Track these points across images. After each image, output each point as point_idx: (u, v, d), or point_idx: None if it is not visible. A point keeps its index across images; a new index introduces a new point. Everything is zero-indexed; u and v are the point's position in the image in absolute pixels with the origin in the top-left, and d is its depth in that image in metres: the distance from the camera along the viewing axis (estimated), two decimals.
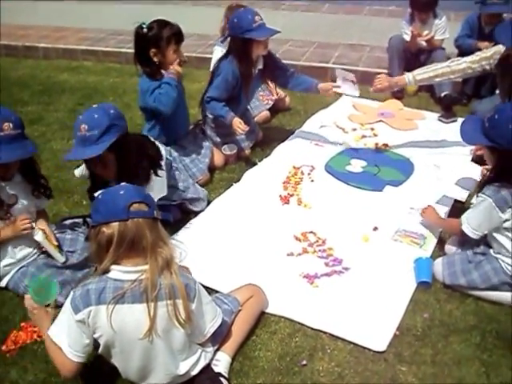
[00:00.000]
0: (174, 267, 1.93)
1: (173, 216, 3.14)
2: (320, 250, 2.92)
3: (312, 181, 3.60)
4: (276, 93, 4.53)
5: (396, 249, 2.91)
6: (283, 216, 3.23)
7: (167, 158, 3.01)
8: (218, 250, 2.95)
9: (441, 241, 2.93)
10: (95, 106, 2.52)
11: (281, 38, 5.70)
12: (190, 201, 3.25)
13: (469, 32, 4.70)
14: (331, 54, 5.62)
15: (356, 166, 3.72)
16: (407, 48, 4.87)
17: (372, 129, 4.26)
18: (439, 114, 4.41)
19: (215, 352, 2.18)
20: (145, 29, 3.23)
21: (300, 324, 2.45)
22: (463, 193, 3.26)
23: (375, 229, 3.07)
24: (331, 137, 4.13)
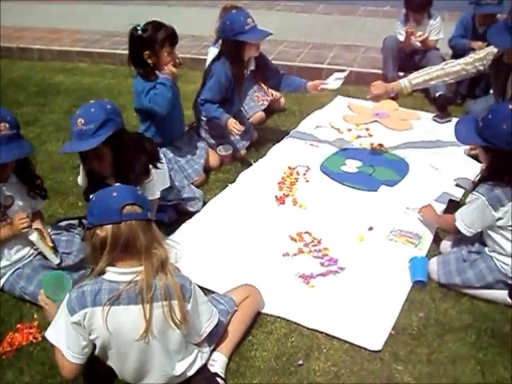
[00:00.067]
0: (170, 268, 1.92)
1: (168, 217, 3.15)
2: (315, 250, 2.92)
3: (307, 181, 3.60)
4: (271, 93, 4.53)
5: (391, 248, 2.92)
6: (279, 216, 3.24)
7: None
8: (214, 251, 2.95)
9: (436, 240, 2.94)
10: (92, 102, 2.53)
11: (276, 39, 5.74)
12: (186, 201, 3.26)
13: (463, 32, 4.72)
14: (326, 55, 5.63)
15: (351, 166, 3.72)
16: (402, 48, 4.89)
17: (367, 129, 4.27)
18: (434, 114, 4.43)
19: (211, 352, 2.18)
20: (139, 31, 3.21)
21: (296, 324, 2.46)
22: (458, 192, 3.29)
23: (370, 229, 3.08)
24: (326, 137, 4.13)
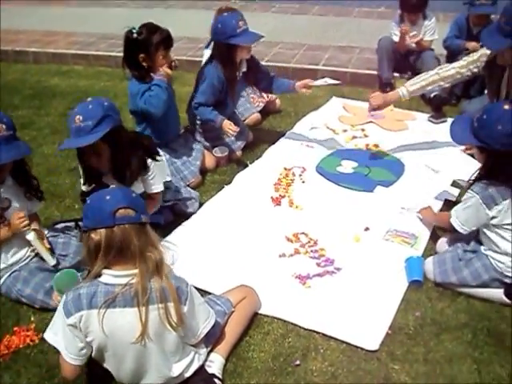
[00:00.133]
0: (165, 270, 1.92)
1: (165, 218, 3.15)
2: (312, 251, 2.93)
3: (303, 182, 3.61)
4: (267, 95, 4.54)
5: (387, 248, 2.92)
6: (275, 217, 3.24)
7: None
8: (211, 252, 2.95)
9: (432, 240, 2.95)
10: (89, 99, 2.54)
11: (271, 41, 5.75)
12: (183, 201, 3.26)
13: (457, 33, 4.73)
14: (321, 56, 5.63)
15: (347, 167, 3.73)
16: (396, 49, 4.90)
17: (363, 130, 4.28)
18: (429, 115, 4.44)
19: (209, 353, 2.19)
20: (134, 34, 3.22)
21: (293, 324, 2.46)
22: (454, 192, 3.30)
23: (366, 229, 3.09)
24: (322, 138, 4.14)
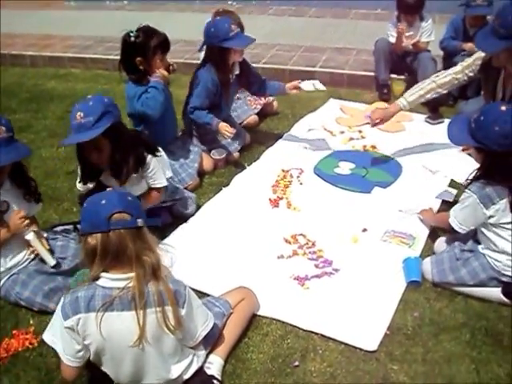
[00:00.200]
0: (163, 274, 1.92)
1: (163, 220, 3.12)
2: (310, 252, 2.93)
3: (301, 184, 3.62)
4: (264, 97, 4.54)
5: (385, 249, 2.93)
6: (273, 219, 3.25)
7: None
8: (209, 254, 2.95)
9: (430, 240, 2.96)
10: (90, 96, 2.58)
11: (268, 43, 5.76)
12: (180, 201, 3.26)
13: (453, 34, 4.74)
14: (318, 58, 5.64)
15: (344, 169, 3.74)
16: (393, 50, 4.90)
17: (360, 131, 4.29)
18: (426, 116, 4.45)
19: (207, 355, 2.19)
20: (132, 37, 3.23)
21: (291, 325, 2.47)
22: (451, 193, 3.30)
23: (364, 230, 3.09)
24: (319, 140, 4.15)
